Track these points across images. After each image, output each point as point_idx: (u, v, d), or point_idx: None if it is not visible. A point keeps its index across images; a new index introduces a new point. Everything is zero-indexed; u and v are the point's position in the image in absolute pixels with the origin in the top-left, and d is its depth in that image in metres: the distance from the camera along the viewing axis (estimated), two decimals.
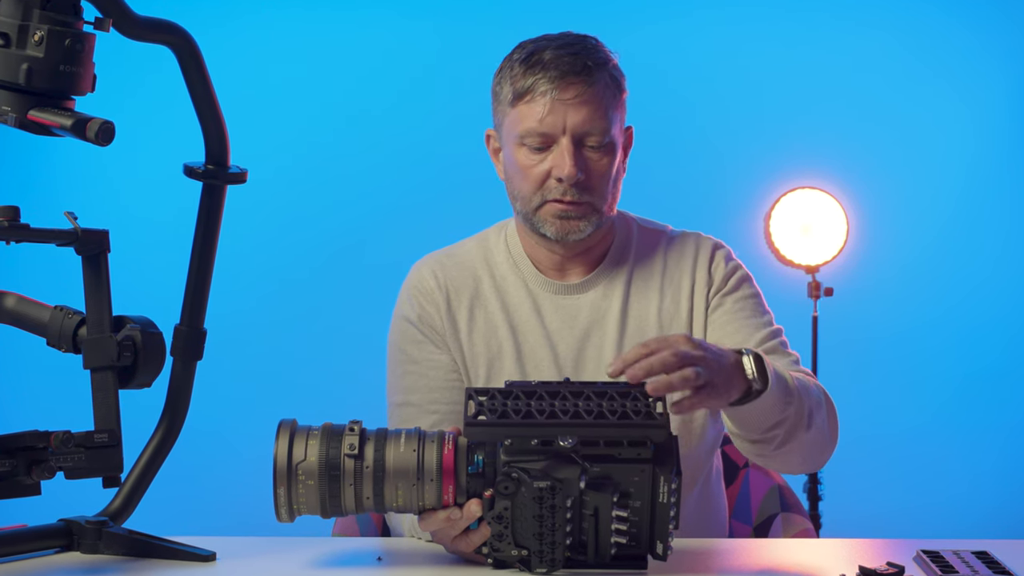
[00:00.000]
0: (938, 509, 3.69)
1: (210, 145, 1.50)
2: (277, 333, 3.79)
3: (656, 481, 1.33)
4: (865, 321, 3.73)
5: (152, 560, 1.47)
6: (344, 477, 1.34)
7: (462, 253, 1.90)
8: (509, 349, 1.82)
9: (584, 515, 1.33)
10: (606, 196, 1.77)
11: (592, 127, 1.73)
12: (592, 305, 1.84)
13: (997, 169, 3.76)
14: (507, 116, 1.77)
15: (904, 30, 3.75)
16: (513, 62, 1.77)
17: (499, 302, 1.84)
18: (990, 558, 1.43)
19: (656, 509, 1.34)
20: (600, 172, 1.75)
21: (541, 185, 1.75)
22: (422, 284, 1.86)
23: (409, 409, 1.81)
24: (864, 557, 1.47)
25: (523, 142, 1.75)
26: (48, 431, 1.41)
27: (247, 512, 3.65)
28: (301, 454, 1.35)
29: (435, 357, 1.83)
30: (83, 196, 3.67)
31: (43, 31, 1.28)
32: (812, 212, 3.41)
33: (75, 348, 1.48)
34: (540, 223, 1.77)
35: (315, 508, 1.36)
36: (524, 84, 1.73)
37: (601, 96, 1.74)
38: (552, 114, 1.72)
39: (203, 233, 1.54)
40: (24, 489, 1.40)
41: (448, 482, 1.35)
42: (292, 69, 3.81)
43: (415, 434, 1.36)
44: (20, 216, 1.38)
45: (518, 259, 1.87)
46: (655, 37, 3.71)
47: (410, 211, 3.73)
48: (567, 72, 1.72)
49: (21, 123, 1.31)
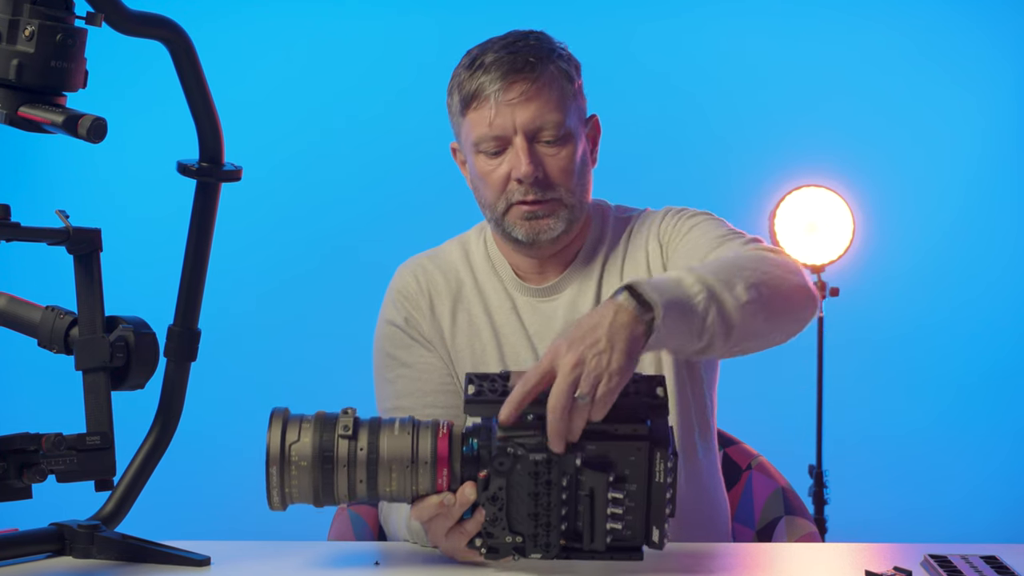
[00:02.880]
0: (946, 512, 3.69)
1: (204, 142, 1.50)
2: (272, 334, 3.79)
3: (652, 458, 1.33)
4: (872, 322, 3.73)
5: (145, 565, 1.47)
6: (337, 461, 1.35)
7: (444, 255, 1.91)
8: (492, 351, 1.82)
9: (580, 496, 1.34)
10: (573, 190, 1.76)
11: (543, 121, 1.72)
12: (568, 305, 1.83)
13: (1006, 167, 3.76)
14: (461, 126, 1.78)
15: (912, 26, 3.75)
16: (459, 70, 1.77)
17: (481, 305, 1.85)
18: (999, 563, 1.43)
19: (652, 490, 1.34)
20: (560, 166, 1.74)
21: (503, 189, 1.75)
22: (406, 288, 1.87)
23: (401, 414, 1.80)
24: (870, 562, 1.47)
25: (479, 149, 1.75)
26: (39, 433, 1.41)
27: (242, 516, 3.65)
28: (295, 437, 1.35)
29: (427, 360, 1.83)
30: (75, 194, 3.68)
31: (34, 26, 1.28)
32: (818, 211, 3.41)
33: (67, 349, 1.48)
34: (510, 227, 1.77)
35: (307, 494, 1.36)
36: (470, 90, 1.74)
37: (548, 89, 1.73)
38: (500, 116, 1.72)
39: (197, 232, 1.54)
40: (15, 492, 1.40)
41: (442, 467, 1.35)
42: (287, 66, 3.81)
43: (409, 422, 1.38)
44: (11, 214, 1.38)
45: (496, 261, 1.87)
46: (660, 34, 3.72)
47: (405, 210, 3.74)
48: (508, 71, 1.72)
49: (11, 120, 1.31)
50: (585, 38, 2.11)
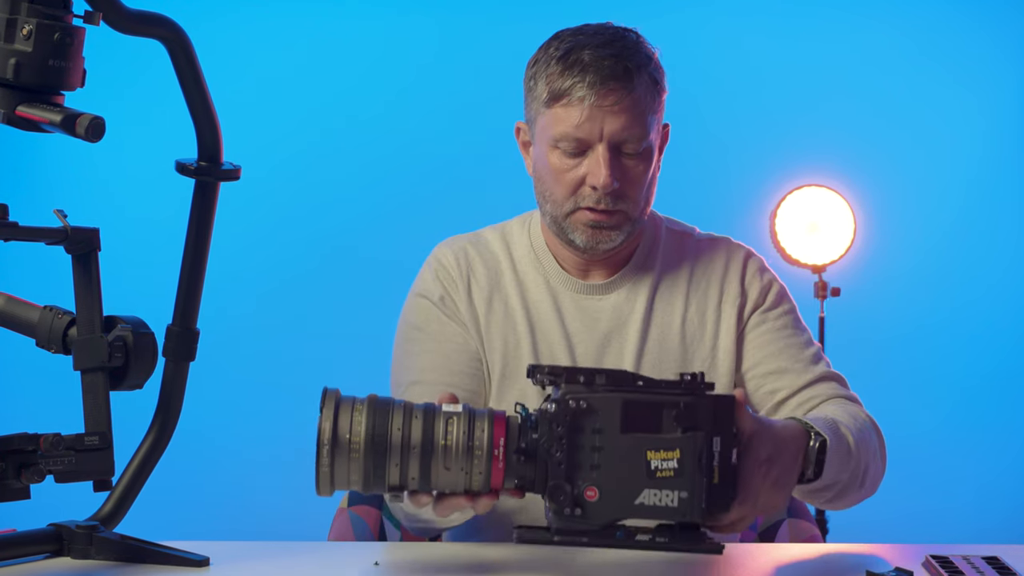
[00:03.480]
0: (948, 514, 3.69)
1: (203, 141, 1.50)
2: (272, 333, 3.79)
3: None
4: (873, 322, 3.73)
5: (144, 565, 1.47)
6: (391, 453, 1.30)
7: (484, 242, 1.88)
8: (527, 346, 1.80)
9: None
10: (639, 204, 1.74)
11: (630, 134, 1.69)
12: (615, 308, 1.82)
13: (1008, 168, 3.76)
14: (541, 115, 1.73)
15: (913, 25, 3.75)
16: (550, 58, 1.72)
17: (519, 297, 1.82)
18: (1001, 563, 1.43)
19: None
20: (636, 179, 1.72)
21: (575, 191, 1.72)
22: (447, 265, 1.83)
23: (421, 388, 1.75)
24: (872, 563, 1.47)
25: (557, 145, 1.71)
26: (38, 433, 1.41)
27: (241, 516, 3.66)
28: (347, 425, 1.31)
29: (460, 339, 1.80)
30: (73, 193, 3.68)
31: (31, 25, 1.28)
32: (819, 210, 3.42)
33: (65, 349, 1.48)
34: (570, 229, 1.75)
35: (358, 483, 1.32)
36: (561, 86, 1.69)
37: (640, 101, 1.70)
38: (590, 120, 1.68)
39: (196, 231, 1.54)
40: (13, 493, 1.40)
41: (498, 461, 1.31)
42: (286, 64, 3.81)
43: (465, 411, 1.33)
44: (9, 214, 1.38)
45: (540, 255, 1.85)
46: (660, 32, 3.67)
47: (405, 210, 3.74)
48: (607, 77, 1.67)
49: (9, 119, 1.31)
50: None
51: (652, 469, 1.30)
